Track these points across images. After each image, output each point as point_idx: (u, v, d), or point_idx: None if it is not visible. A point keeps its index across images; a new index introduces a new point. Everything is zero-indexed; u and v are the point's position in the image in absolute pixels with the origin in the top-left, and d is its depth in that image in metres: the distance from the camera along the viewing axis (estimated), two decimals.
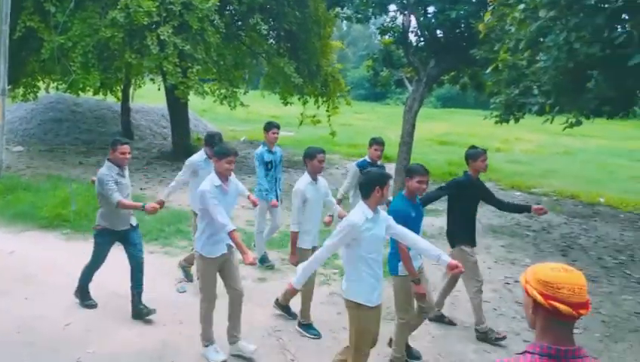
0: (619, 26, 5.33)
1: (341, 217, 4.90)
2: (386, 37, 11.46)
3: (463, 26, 9.95)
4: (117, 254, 4.92)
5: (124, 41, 10.04)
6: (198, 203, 4.07)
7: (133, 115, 16.77)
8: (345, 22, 13.13)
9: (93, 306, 4.90)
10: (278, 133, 6.16)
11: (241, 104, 11.36)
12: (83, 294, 4.94)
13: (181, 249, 6.68)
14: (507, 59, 6.66)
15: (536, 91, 6.56)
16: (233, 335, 4.21)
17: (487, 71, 7.37)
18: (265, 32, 11.44)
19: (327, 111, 13.32)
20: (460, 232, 4.69)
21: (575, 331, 4.79)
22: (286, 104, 14.27)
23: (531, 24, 5.39)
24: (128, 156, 4.64)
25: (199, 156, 5.46)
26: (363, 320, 3.41)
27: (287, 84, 12.48)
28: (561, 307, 1.56)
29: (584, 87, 5.66)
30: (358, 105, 31.86)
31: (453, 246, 4.74)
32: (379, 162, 5.74)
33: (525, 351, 1.63)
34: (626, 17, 5.34)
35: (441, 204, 5.04)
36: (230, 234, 3.87)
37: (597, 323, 5.26)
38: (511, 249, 7.65)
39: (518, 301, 5.85)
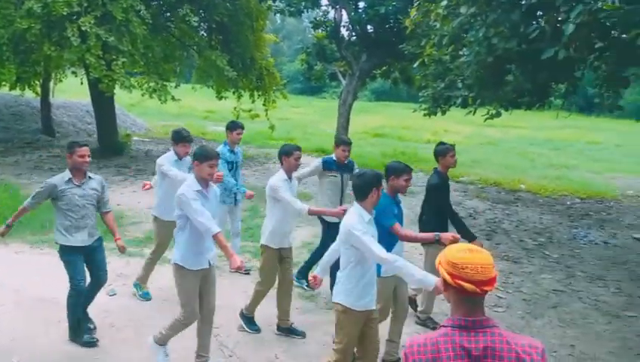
0: (534, 22, 5.70)
1: (311, 212, 4.65)
2: (319, 31, 11.56)
3: (392, 21, 10.25)
4: (39, 257, 4.64)
5: (42, 32, 9.41)
6: (176, 209, 3.70)
7: (54, 111, 15.79)
8: (278, 15, 13.07)
9: (94, 343, 4.20)
10: (242, 134, 5.98)
11: (172, 98, 11.03)
12: (77, 331, 4.23)
13: (109, 251, 6.39)
14: (433, 54, 6.94)
15: (460, 85, 6.89)
16: (201, 356, 3.89)
17: (415, 65, 7.65)
18: (195, 24, 11.16)
19: (264, 105, 13.22)
20: (436, 230, 4.73)
21: (499, 309, 5.17)
22: (220, 98, 14.00)
23: (453, 20, 5.65)
24: (88, 160, 4.16)
25: (169, 157, 5.08)
26: (352, 323, 3.36)
27: (220, 77, 12.25)
28: (466, 285, 1.71)
29: (503, 80, 6.03)
30: (294, 98, 31.86)
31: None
32: (346, 161, 5.51)
33: (441, 326, 1.78)
34: (540, 14, 5.73)
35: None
36: (215, 236, 3.57)
37: (519, 302, 5.64)
38: None
39: None
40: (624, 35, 4.90)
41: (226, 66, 11.11)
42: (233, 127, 5.88)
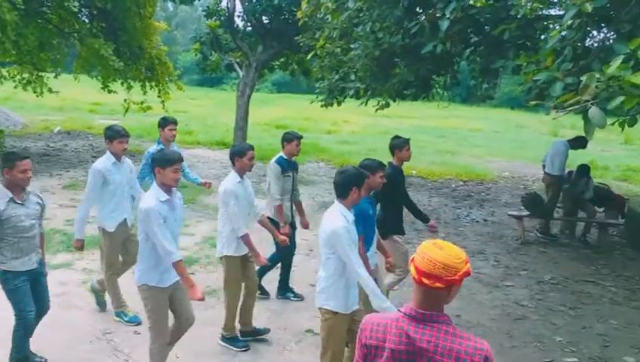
0: (415, 18, 6.07)
1: (262, 223, 4.55)
2: (212, 20, 11.23)
3: (286, 13, 10.28)
4: None
5: None
6: (142, 223, 3.40)
7: None
8: (171, 2, 12.46)
9: None
10: (176, 130, 5.55)
11: (50, 90, 10.10)
12: None
13: None
14: (326, 46, 7.11)
15: (353, 77, 7.14)
16: None
17: (309, 57, 7.77)
18: (75, 9, 10.27)
19: (158, 96, 12.58)
20: (391, 222, 4.76)
21: (394, 288, 5.47)
22: (109, 91, 13.06)
23: (342, 14, 5.83)
24: (30, 174, 3.59)
25: (106, 161, 4.53)
26: (339, 327, 3.28)
27: (106, 67, 11.42)
28: (411, 267, 1.79)
29: (391, 72, 6.36)
30: (192, 90, 30.75)
31: (385, 236, 4.72)
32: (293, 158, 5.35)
33: (398, 311, 1.85)
34: (420, 10, 6.11)
35: None
36: (175, 265, 3.34)
37: (410, 279, 6.02)
38: None
39: None
40: (494, 31, 5.38)
41: (111, 56, 10.37)
42: (164, 123, 5.46)
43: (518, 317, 5.24)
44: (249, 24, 10.79)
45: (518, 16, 4.76)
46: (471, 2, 5.05)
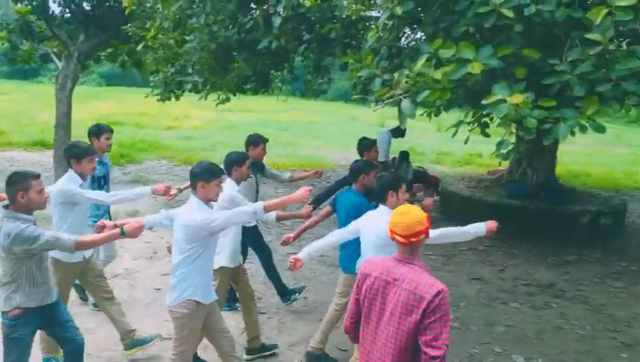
0: (250, 13, 6.17)
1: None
2: (22, 5, 9.83)
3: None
4: None
5: None
6: (186, 243, 3.17)
7: None
8: None
9: None
10: (112, 139, 4.73)
11: None
12: None
13: None
14: (159, 37, 6.81)
15: (190, 70, 6.98)
16: None
17: (139, 48, 7.37)
18: None
19: None
20: None
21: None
22: None
23: (174, 4, 5.66)
24: (46, 196, 3.11)
25: (72, 181, 3.80)
26: None
27: None
28: (397, 238, 2.36)
29: (229, 67, 6.38)
30: (1, 83, 26.63)
31: None
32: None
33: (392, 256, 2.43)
34: (254, 5, 6.23)
35: None
36: (267, 208, 3.31)
37: (309, 260, 6.24)
38: None
39: None
40: (322, 30, 5.75)
41: None
42: (99, 131, 4.65)
43: None
44: (67, 10, 9.68)
45: (343, 16, 5.18)
46: (300, 1, 5.33)
